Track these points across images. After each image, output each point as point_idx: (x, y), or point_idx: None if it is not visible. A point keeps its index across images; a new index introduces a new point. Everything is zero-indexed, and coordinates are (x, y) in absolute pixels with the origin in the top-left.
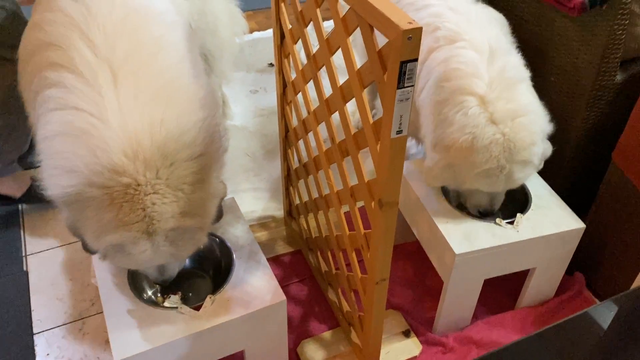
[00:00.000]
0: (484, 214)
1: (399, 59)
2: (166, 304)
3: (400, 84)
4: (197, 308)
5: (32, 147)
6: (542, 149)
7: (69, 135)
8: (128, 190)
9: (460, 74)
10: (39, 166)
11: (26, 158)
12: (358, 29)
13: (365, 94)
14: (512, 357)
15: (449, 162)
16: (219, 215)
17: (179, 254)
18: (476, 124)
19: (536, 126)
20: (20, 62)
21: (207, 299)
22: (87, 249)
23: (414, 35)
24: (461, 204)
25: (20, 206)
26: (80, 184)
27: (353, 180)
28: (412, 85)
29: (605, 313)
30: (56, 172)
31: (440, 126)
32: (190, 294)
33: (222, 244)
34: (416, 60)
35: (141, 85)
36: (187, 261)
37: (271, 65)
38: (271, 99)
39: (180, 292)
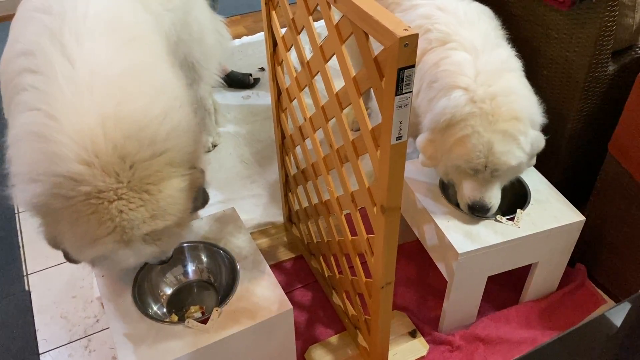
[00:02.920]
0: (475, 209)
1: (396, 66)
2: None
3: (398, 91)
4: (204, 321)
5: None
6: (532, 136)
7: (27, 140)
8: (90, 200)
9: (448, 74)
10: None
11: None
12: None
13: (362, 100)
14: None
15: (431, 137)
16: (204, 201)
17: (164, 251)
18: (456, 104)
19: (519, 105)
20: (2, 81)
21: (214, 311)
22: (69, 259)
23: (411, 42)
24: None
25: (18, 224)
26: (44, 194)
27: (353, 185)
28: (410, 92)
29: (622, 315)
30: (19, 180)
31: (429, 116)
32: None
33: (226, 255)
34: (413, 66)
35: (97, 78)
36: (191, 274)
37: (262, 69)
38: (264, 103)
39: (201, 306)
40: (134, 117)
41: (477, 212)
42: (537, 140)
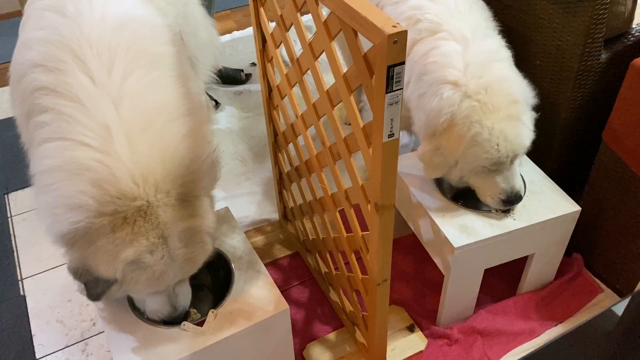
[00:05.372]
0: (511, 201)
1: (385, 64)
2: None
3: (388, 88)
4: (200, 324)
5: None
6: (530, 116)
7: (71, 173)
8: (141, 208)
9: (437, 67)
10: None
11: None
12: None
13: (353, 98)
14: None
15: (435, 145)
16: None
17: (194, 258)
18: (451, 103)
19: (514, 89)
20: (12, 81)
21: (210, 313)
22: (93, 292)
23: (400, 38)
24: (456, 195)
25: (11, 229)
26: (88, 217)
27: (347, 182)
28: (401, 89)
29: (628, 308)
30: (59, 212)
31: (423, 118)
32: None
33: (220, 256)
34: (403, 63)
35: (145, 114)
36: None
37: (254, 64)
38: (256, 99)
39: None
40: (190, 153)
41: (513, 202)
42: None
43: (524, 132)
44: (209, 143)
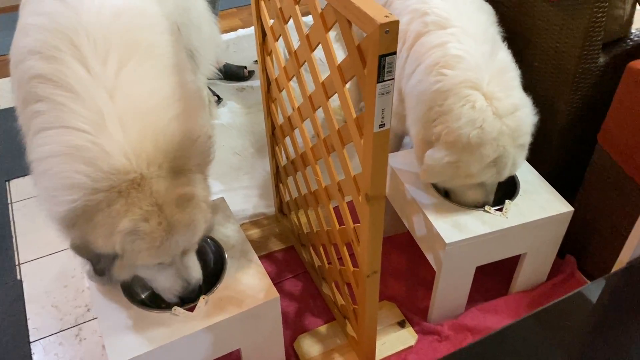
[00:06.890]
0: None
1: (377, 53)
2: (175, 311)
3: (380, 78)
4: (191, 309)
5: None
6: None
7: (65, 155)
8: (135, 181)
9: (464, 66)
10: None
11: None
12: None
13: (347, 90)
14: (508, 339)
15: (455, 158)
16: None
17: (193, 223)
18: (484, 117)
19: (530, 118)
20: (11, 67)
21: (201, 299)
22: (97, 267)
23: (391, 28)
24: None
25: (11, 214)
26: (85, 195)
27: (340, 176)
28: (392, 79)
29: (597, 292)
30: (57, 193)
31: (443, 120)
32: None
33: (213, 244)
34: (394, 53)
35: (138, 101)
36: None
37: (257, 62)
38: (258, 96)
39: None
40: (180, 129)
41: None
42: None
43: (524, 156)
44: (200, 126)
